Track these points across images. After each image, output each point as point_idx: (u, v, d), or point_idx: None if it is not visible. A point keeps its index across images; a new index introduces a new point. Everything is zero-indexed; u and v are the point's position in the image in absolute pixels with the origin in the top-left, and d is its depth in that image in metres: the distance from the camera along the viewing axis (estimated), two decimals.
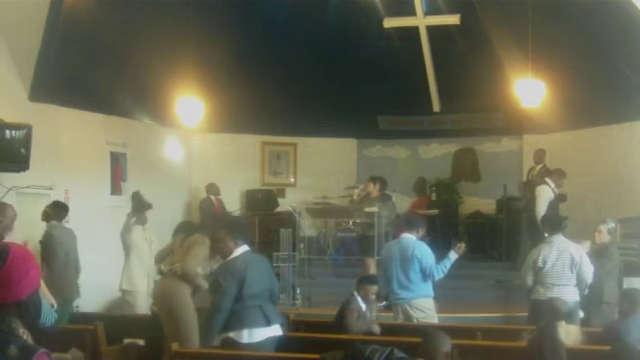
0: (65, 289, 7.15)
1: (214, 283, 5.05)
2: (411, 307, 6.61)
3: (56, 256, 7.35)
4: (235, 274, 4.94)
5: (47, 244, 7.46)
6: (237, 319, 4.95)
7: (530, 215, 10.24)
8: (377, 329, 6.04)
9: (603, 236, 7.26)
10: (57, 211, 7.65)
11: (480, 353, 4.99)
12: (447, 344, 3.93)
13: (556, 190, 9.40)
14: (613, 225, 7.64)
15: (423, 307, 6.62)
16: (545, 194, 9.19)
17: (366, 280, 6.42)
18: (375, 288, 6.32)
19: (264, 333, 5.02)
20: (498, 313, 8.16)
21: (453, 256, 6.59)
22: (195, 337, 6.15)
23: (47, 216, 7.66)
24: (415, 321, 6.53)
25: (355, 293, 6.23)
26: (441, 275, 6.55)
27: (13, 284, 2.19)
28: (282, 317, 5.50)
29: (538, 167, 10.52)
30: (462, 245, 6.67)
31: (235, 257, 5.08)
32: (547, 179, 9.40)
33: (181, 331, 6.10)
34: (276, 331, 5.11)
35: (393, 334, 5.71)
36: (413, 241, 6.73)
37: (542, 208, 9.05)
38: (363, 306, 6.19)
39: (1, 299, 2.19)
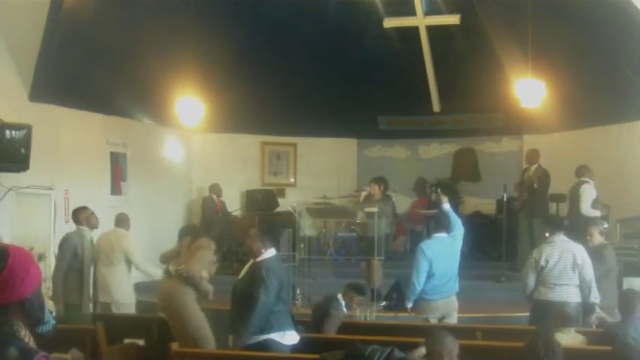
0: (67, 294, 7.03)
1: (256, 280, 5.00)
2: (447, 304, 6.74)
3: (60, 259, 7.20)
4: (276, 273, 5.03)
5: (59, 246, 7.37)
6: (277, 321, 5.00)
7: (529, 216, 10.27)
8: None
9: (595, 238, 7.21)
10: (73, 216, 7.55)
11: (480, 353, 4.98)
12: (451, 344, 3.92)
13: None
14: (605, 226, 7.61)
15: (454, 304, 6.81)
16: (590, 192, 9.15)
17: (355, 288, 6.42)
18: (361, 300, 6.36)
19: (295, 336, 5.10)
20: (498, 313, 8.15)
21: (446, 207, 7.02)
22: (210, 336, 6.15)
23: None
24: (446, 320, 6.69)
25: (340, 297, 6.24)
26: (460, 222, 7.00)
27: (17, 283, 2.20)
28: None
29: (533, 167, 10.51)
30: (438, 192, 7.42)
31: (270, 258, 5.14)
32: (585, 178, 9.33)
33: (191, 332, 6.09)
34: (297, 335, 5.18)
35: (393, 334, 5.71)
36: (450, 237, 6.89)
37: (587, 205, 9.01)
38: (345, 311, 6.23)
39: (6, 299, 2.19)
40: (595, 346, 5.08)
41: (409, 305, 6.79)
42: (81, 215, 7.37)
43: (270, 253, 5.16)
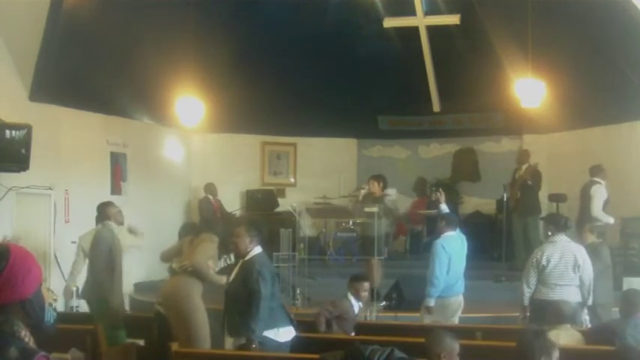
0: (94, 290, 6.95)
1: (251, 275, 5.02)
2: (457, 302, 6.93)
3: (98, 258, 6.99)
4: (270, 268, 5.10)
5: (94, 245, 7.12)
6: (271, 318, 5.02)
7: (522, 215, 10.30)
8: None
9: (589, 237, 7.23)
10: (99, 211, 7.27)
11: (480, 353, 4.98)
12: (450, 344, 3.92)
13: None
14: (600, 224, 7.61)
15: (462, 303, 7.05)
16: (600, 194, 9.10)
17: (355, 278, 6.38)
18: (365, 285, 6.31)
19: (291, 332, 5.10)
20: (498, 313, 8.14)
21: (444, 207, 7.30)
22: (207, 336, 6.15)
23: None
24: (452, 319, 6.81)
25: (348, 294, 6.25)
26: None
27: (19, 282, 2.20)
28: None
29: (524, 167, 10.56)
30: (440, 191, 7.56)
31: (260, 254, 5.18)
32: (597, 179, 9.28)
33: (192, 331, 6.08)
34: (294, 330, 5.20)
35: (393, 334, 5.71)
36: (459, 236, 7.11)
37: (598, 208, 8.95)
38: (356, 305, 6.21)
39: (6, 299, 2.19)
40: (594, 346, 5.08)
41: (432, 304, 6.80)
42: (110, 211, 7.13)
43: (257, 250, 5.20)
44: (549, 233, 6.80)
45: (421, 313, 7.07)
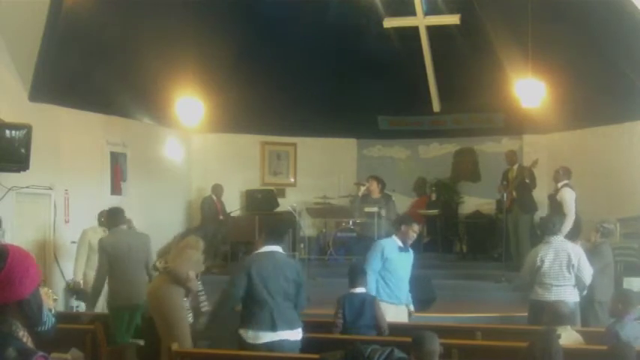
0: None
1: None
2: None
3: (99, 264, 7.01)
4: (245, 267, 5.08)
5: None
6: (245, 318, 5.04)
7: (519, 213, 10.33)
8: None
9: (595, 237, 7.28)
10: (107, 218, 7.30)
11: (480, 353, 4.98)
12: (437, 340, 3.93)
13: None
14: (609, 225, 7.62)
15: None
16: (571, 196, 9.04)
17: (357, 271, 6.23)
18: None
19: (270, 337, 4.99)
20: (498, 313, 8.14)
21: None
22: (187, 337, 6.14)
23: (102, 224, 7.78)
24: None
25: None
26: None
27: (16, 283, 2.20)
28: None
29: (515, 167, 10.59)
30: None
31: (255, 254, 5.22)
32: (566, 181, 9.24)
33: (174, 333, 6.07)
34: (285, 335, 5.02)
35: (394, 334, 5.70)
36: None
37: (572, 209, 8.89)
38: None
39: (4, 299, 2.19)
40: (595, 346, 5.07)
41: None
42: (124, 218, 7.20)
43: (265, 249, 5.18)
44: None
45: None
